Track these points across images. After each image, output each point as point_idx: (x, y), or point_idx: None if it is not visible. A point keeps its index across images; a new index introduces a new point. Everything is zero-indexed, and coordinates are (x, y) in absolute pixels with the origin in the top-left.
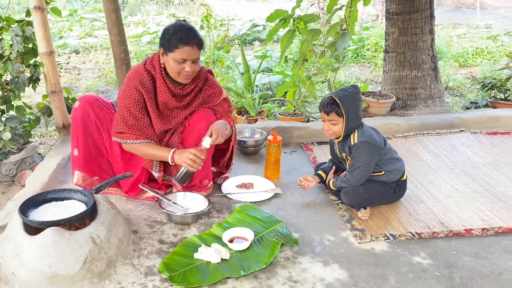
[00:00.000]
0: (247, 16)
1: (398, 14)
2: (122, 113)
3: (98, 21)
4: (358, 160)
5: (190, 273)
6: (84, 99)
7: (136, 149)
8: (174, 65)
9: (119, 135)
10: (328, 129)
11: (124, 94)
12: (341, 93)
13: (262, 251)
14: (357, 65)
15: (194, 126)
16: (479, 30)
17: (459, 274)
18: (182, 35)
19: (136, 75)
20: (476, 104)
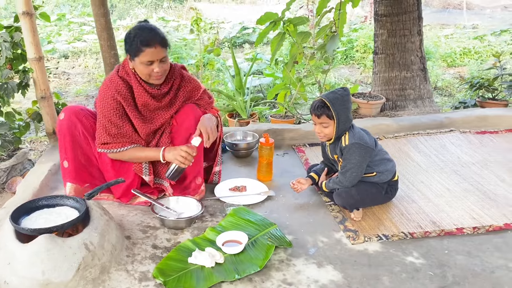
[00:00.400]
0: (237, 18)
1: (386, 15)
2: (103, 124)
3: (86, 25)
4: (350, 161)
5: (184, 278)
6: (69, 110)
7: (124, 156)
8: (143, 68)
9: (104, 146)
10: (319, 132)
11: (101, 104)
12: (331, 95)
13: (256, 254)
14: (347, 66)
15: (181, 124)
16: (466, 30)
17: (452, 273)
18: (142, 38)
19: (111, 84)
20: (465, 104)
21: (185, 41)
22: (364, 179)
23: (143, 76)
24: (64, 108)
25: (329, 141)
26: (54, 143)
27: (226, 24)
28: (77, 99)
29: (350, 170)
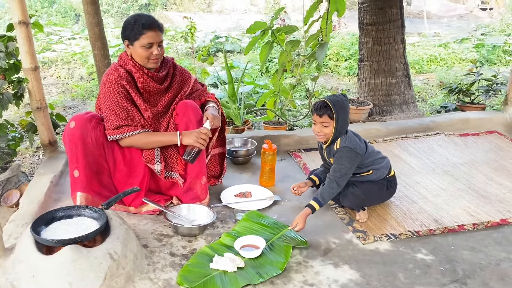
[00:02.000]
0: (207, 27)
1: (371, 24)
2: (112, 109)
3: (54, 35)
4: (339, 163)
5: (209, 283)
6: (80, 118)
7: (137, 141)
8: (142, 51)
9: (115, 131)
10: (319, 131)
11: (107, 91)
12: (333, 98)
13: (275, 257)
14: (321, 75)
15: (182, 116)
16: (430, 38)
17: (461, 267)
18: (144, 22)
19: (112, 73)
20: (446, 108)
21: None
22: (364, 178)
23: (141, 60)
24: (74, 117)
25: (326, 144)
26: (50, 154)
27: (198, 33)
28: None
29: (339, 171)
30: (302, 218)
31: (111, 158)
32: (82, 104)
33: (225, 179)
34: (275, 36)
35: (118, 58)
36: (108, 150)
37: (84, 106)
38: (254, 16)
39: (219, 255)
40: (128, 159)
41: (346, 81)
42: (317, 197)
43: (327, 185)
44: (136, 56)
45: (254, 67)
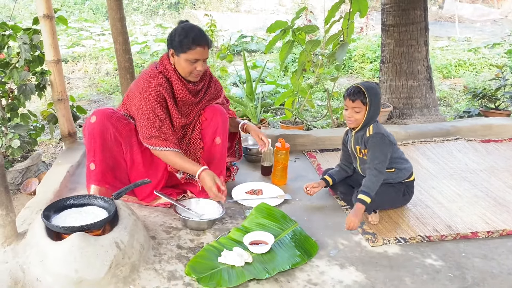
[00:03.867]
0: (233, 27)
1: (394, 26)
2: (147, 116)
3: (84, 31)
4: (375, 150)
5: (216, 276)
6: (102, 114)
7: (163, 156)
8: (186, 65)
9: (149, 140)
10: (350, 116)
11: (144, 97)
12: (367, 84)
13: (283, 254)
14: (345, 76)
15: (210, 121)
16: (459, 43)
17: (471, 274)
18: (194, 36)
19: (152, 78)
20: (469, 113)
21: None
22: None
23: (183, 73)
24: (96, 111)
25: (355, 130)
26: (69, 145)
27: (224, 32)
28: (79, 104)
29: (377, 158)
30: (357, 215)
31: (129, 157)
32: (107, 99)
33: (237, 176)
34: (295, 35)
35: (159, 62)
36: (127, 149)
37: (109, 100)
38: (281, 16)
39: (228, 249)
40: (148, 161)
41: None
42: (364, 190)
43: (369, 176)
44: (178, 67)
45: (277, 67)
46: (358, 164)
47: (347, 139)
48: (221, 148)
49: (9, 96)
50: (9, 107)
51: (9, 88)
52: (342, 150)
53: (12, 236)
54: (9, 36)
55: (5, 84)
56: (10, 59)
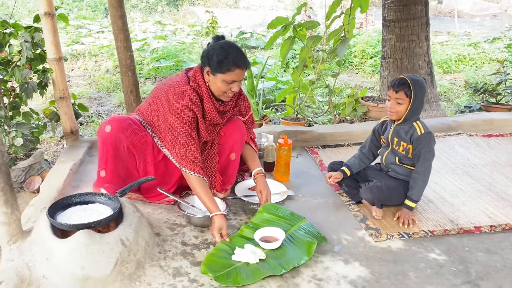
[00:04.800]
0: (232, 23)
1: (395, 21)
2: (178, 134)
3: (83, 28)
4: (428, 151)
5: (233, 274)
6: (116, 125)
7: (188, 179)
8: (222, 85)
9: (179, 160)
10: (391, 107)
11: (176, 114)
12: (413, 77)
13: (295, 248)
14: (345, 72)
15: (228, 137)
16: (459, 37)
17: (474, 269)
18: (235, 58)
19: (184, 94)
20: (470, 108)
21: (183, 45)
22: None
23: (217, 92)
24: (111, 120)
25: (398, 121)
26: (71, 143)
27: (223, 29)
28: (80, 101)
29: (429, 159)
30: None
31: (143, 168)
32: (107, 96)
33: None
34: (296, 31)
35: (191, 77)
36: (140, 160)
37: (109, 98)
38: (280, 12)
39: (240, 247)
40: (161, 171)
41: (371, 78)
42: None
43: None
44: (213, 86)
45: (277, 64)
46: (386, 154)
47: (382, 128)
48: (235, 163)
49: (11, 94)
50: (11, 106)
51: (11, 86)
52: (370, 139)
53: (18, 234)
54: (10, 34)
55: (7, 83)
56: (11, 57)
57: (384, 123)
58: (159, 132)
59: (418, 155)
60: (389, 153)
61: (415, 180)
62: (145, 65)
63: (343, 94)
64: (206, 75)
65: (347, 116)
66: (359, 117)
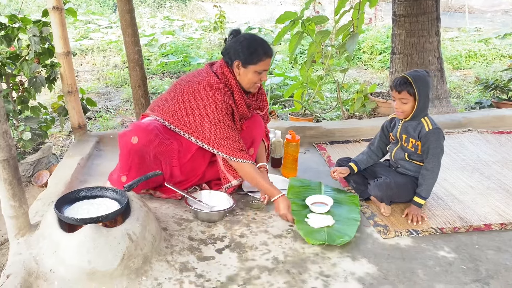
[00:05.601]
0: (240, 18)
1: (405, 16)
2: (221, 129)
3: (92, 24)
4: (437, 146)
5: (330, 237)
6: (144, 137)
7: (242, 168)
8: (253, 76)
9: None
10: (398, 108)
11: (213, 109)
12: (414, 73)
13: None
14: (354, 67)
15: (249, 131)
16: (470, 33)
17: (484, 267)
18: (265, 48)
19: (217, 90)
20: (481, 104)
21: (191, 40)
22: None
23: (248, 84)
24: (137, 130)
25: (406, 118)
26: (79, 138)
27: (231, 24)
28: (88, 96)
29: (438, 154)
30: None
31: (169, 172)
32: (115, 91)
33: None
34: (305, 26)
35: (219, 72)
36: (166, 165)
37: (117, 93)
38: (289, 7)
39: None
40: (186, 172)
41: (380, 74)
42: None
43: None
44: (243, 78)
45: (285, 59)
46: (395, 151)
47: (391, 125)
48: (252, 157)
49: (19, 88)
50: (20, 100)
51: (19, 80)
52: (379, 135)
53: (25, 227)
54: (19, 29)
55: (15, 77)
56: (20, 51)
57: (392, 120)
58: (193, 130)
59: (426, 151)
60: (398, 150)
61: (424, 176)
62: (153, 61)
63: (351, 90)
64: (236, 68)
65: (356, 112)
66: (368, 113)
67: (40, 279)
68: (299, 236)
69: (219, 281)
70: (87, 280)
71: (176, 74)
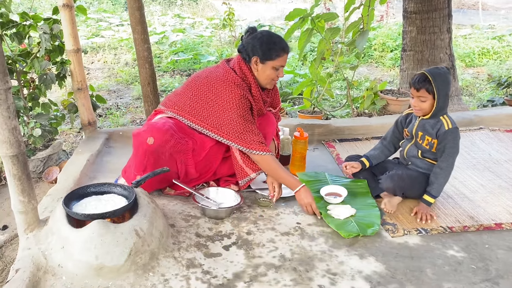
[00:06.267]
0: (251, 16)
1: (416, 13)
2: (241, 123)
3: (103, 21)
4: (453, 147)
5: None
6: (160, 137)
7: (263, 160)
8: (271, 72)
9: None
10: (416, 105)
11: (233, 104)
12: (434, 71)
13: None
14: (365, 65)
15: (262, 129)
16: (483, 30)
17: (494, 266)
18: (282, 44)
19: (236, 85)
20: (493, 102)
21: (202, 38)
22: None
23: (266, 80)
24: (153, 131)
25: (425, 116)
26: (89, 134)
27: (241, 22)
28: (99, 94)
29: (454, 154)
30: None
31: (184, 171)
32: (126, 89)
33: None
34: (314, 23)
35: (236, 68)
36: (181, 164)
37: (128, 91)
38: (300, 5)
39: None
40: (200, 169)
41: (391, 72)
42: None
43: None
44: (261, 74)
45: (295, 57)
46: (408, 147)
47: (406, 121)
48: None
49: (30, 85)
50: (31, 97)
51: (30, 77)
52: (392, 131)
53: (34, 223)
54: (30, 26)
55: (26, 74)
56: (31, 49)
57: (408, 116)
58: (211, 126)
59: (442, 150)
60: (412, 146)
61: (436, 175)
62: (163, 58)
63: (362, 87)
64: (254, 65)
65: (366, 110)
66: (378, 110)
67: (48, 274)
68: (306, 234)
69: (225, 278)
70: (94, 275)
71: (186, 71)
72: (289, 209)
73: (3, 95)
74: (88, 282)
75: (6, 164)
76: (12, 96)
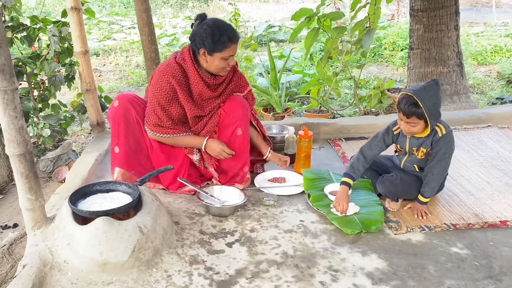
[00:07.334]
0: (262, 17)
1: (423, 10)
2: (152, 105)
3: (115, 24)
4: (446, 152)
5: (365, 224)
6: (124, 98)
7: (165, 141)
8: (220, 62)
9: (150, 127)
10: (406, 129)
11: (155, 86)
12: (420, 89)
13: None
14: (375, 64)
15: (230, 113)
16: (496, 28)
17: (498, 263)
18: (230, 35)
19: (168, 69)
20: (502, 99)
21: None
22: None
23: (216, 69)
24: (118, 96)
25: (421, 134)
26: (97, 134)
27: (251, 23)
28: (110, 95)
29: (445, 160)
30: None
31: (149, 141)
32: (137, 91)
33: None
34: (320, 22)
35: (179, 53)
36: (146, 135)
37: (139, 92)
38: (310, 5)
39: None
40: (167, 147)
41: (401, 71)
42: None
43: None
44: (211, 65)
45: (303, 56)
46: (404, 162)
47: (394, 138)
48: (242, 139)
49: (40, 87)
50: (41, 98)
51: (40, 79)
52: (377, 145)
53: (42, 220)
54: (39, 29)
55: (36, 76)
56: (41, 51)
57: (388, 131)
58: None
59: (434, 155)
60: (407, 161)
61: (428, 181)
62: None
63: (371, 86)
64: (202, 56)
65: (373, 108)
66: (385, 109)
67: (54, 270)
68: (309, 231)
69: (228, 274)
70: (99, 271)
71: None
72: (293, 207)
73: (10, 95)
74: (93, 278)
75: (13, 163)
76: (22, 97)
